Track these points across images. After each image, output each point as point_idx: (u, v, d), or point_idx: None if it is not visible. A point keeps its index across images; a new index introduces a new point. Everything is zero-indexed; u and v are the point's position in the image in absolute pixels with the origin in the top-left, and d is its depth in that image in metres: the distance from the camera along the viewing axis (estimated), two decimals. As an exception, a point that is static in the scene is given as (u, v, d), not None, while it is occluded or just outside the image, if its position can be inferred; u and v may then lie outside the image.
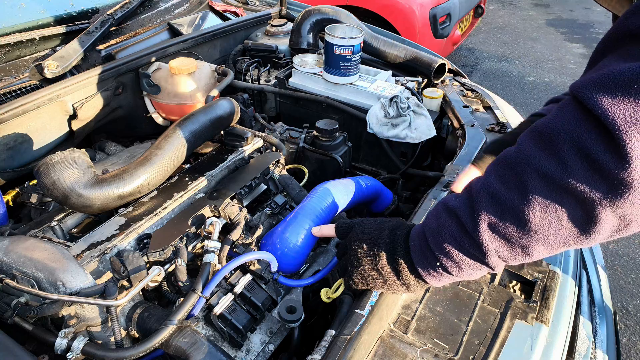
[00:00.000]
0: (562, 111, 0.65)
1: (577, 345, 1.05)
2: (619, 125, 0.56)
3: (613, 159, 0.58)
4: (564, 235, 0.67)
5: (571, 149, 0.62)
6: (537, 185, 0.66)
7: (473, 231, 0.73)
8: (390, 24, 4.09)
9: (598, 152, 0.59)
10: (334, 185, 1.13)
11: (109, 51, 1.60)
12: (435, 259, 0.80)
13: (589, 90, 0.60)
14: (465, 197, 0.77)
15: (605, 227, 0.64)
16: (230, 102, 1.33)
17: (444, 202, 0.82)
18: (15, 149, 1.29)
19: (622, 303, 2.59)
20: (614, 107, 0.57)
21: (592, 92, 0.60)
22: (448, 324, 0.88)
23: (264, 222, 1.20)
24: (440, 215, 0.80)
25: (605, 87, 0.58)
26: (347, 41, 1.57)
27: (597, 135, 0.59)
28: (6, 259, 0.88)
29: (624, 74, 0.57)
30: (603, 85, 0.59)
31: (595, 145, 0.59)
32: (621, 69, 0.58)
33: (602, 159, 0.59)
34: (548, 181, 0.65)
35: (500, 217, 0.71)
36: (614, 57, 0.62)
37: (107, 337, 0.85)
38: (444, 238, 0.78)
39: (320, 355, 0.80)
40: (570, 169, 0.62)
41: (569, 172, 0.62)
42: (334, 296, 0.97)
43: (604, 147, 0.58)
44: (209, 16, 2.02)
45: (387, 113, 1.49)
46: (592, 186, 0.60)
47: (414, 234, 0.85)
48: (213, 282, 0.92)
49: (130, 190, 1.03)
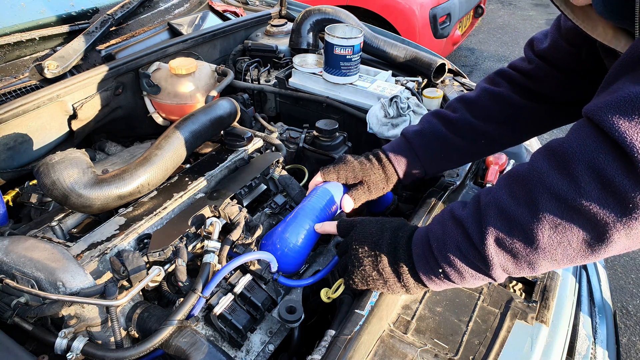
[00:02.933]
0: (577, 132, 0.65)
1: (577, 345, 1.05)
2: (637, 148, 0.56)
3: (630, 181, 0.58)
4: (571, 254, 0.67)
5: (586, 170, 0.61)
6: (548, 204, 0.66)
7: (479, 244, 0.73)
8: (390, 24, 4.09)
9: (615, 175, 0.59)
10: (334, 186, 1.13)
11: (109, 51, 1.60)
12: (438, 267, 0.80)
13: (605, 113, 0.60)
14: (473, 208, 0.77)
15: (615, 248, 0.64)
16: (230, 102, 1.33)
17: (451, 209, 0.82)
18: (15, 149, 1.29)
19: (622, 303, 2.59)
20: (632, 129, 0.57)
21: (609, 114, 0.59)
22: (448, 324, 0.88)
23: (264, 222, 1.20)
24: (446, 223, 0.80)
25: (622, 109, 0.58)
26: (347, 41, 1.57)
27: (614, 157, 0.59)
28: (6, 259, 0.88)
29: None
30: (619, 107, 0.59)
31: (611, 167, 0.59)
32: (637, 92, 0.58)
33: (619, 182, 0.58)
34: (560, 201, 0.64)
35: (508, 232, 0.70)
36: (628, 80, 0.62)
37: (107, 337, 0.85)
38: (449, 247, 0.77)
39: (320, 355, 0.80)
40: (583, 190, 0.62)
41: (582, 193, 0.62)
42: (334, 296, 0.97)
43: (621, 170, 0.58)
44: (209, 16, 2.02)
45: (387, 113, 1.49)
46: (606, 208, 0.60)
47: (417, 238, 0.85)
48: (213, 282, 0.92)
49: (130, 190, 1.03)
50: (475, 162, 1.40)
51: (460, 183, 1.30)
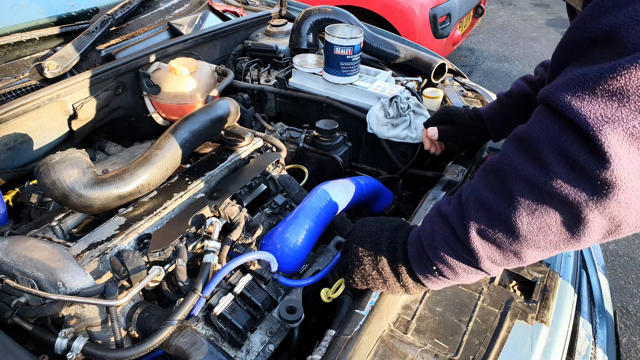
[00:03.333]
0: (537, 117, 0.66)
1: (577, 345, 1.05)
2: (592, 125, 0.57)
3: (593, 159, 0.58)
4: (553, 240, 0.68)
5: (551, 153, 0.62)
6: (522, 191, 0.66)
7: (464, 238, 0.74)
8: (390, 24, 4.09)
9: (578, 154, 0.59)
10: (334, 186, 1.13)
11: (109, 51, 1.60)
12: (431, 264, 0.80)
13: (558, 95, 0.61)
14: (456, 203, 0.78)
15: (594, 229, 0.64)
16: (230, 102, 1.33)
17: (438, 207, 0.83)
18: (15, 149, 1.29)
19: (622, 303, 2.59)
20: (585, 108, 0.58)
21: (561, 96, 0.61)
22: (448, 324, 0.88)
23: (264, 222, 1.20)
24: (434, 220, 0.81)
25: (573, 90, 0.60)
26: (347, 41, 1.57)
27: (574, 137, 0.60)
28: (6, 259, 0.88)
29: (588, 75, 0.58)
30: (570, 88, 0.60)
31: (573, 147, 0.60)
32: (585, 72, 0.59)
33: (583, 160, 0.59)
34: (532, 186, 0.65)
35: (489, 224, 0.71)
36: (577, 64, 0.63)
37: (107, 337, 0.85)
38: (438, 244, 0.78)
39: (320, 355, 0.80)
40: (552, 173, 0.62)
41: (552, 176, 0.62)
42: (334, 296, 0.97)
43: (583, 149, 0.59)
44: (209, 16, 2.02)
45: (387, 113, 1.49)
46: (577, 188, 0.61)
47: (411, 238, 0.86)
48: (213, 282, 0.92)
49: (130, 190, 1.03)
50: (475, 162, 1.40)
51: (461, 183, 1.30)
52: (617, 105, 0.56)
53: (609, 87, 0.57)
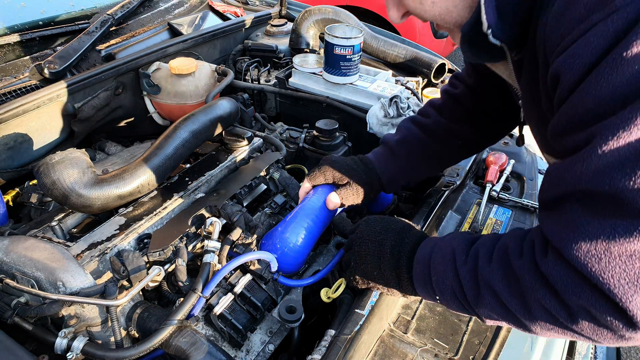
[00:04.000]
0: (552, 261, 0.62)
1: (577, 345, 1.05)
2: (618, 294, 0.54)
3: (621, 321, 0.56)
4: (563, 337, 0.69)
5: (574, 303, 0.60)
6: (542, 314, 0.65)
7: (476, 308, 0.74)
8: (390, 24, 4.08)
9: (603, 314, 0.57)
10: (332, 186, 1.13)
11: (109, 51, 1.60)
12: (435, 295, 0.81)
13: (570, 249, 0.58)
14: (471, 274, 0.74)
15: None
16: (230, 102, 1.33)
17: (454, 255, 0.79)
18: (15, 149, 1.29)
19: (622, 303, 2.58)
20: (606, 273, 0.55)
21: (575, 251, 0.57)
22: (448, 323, 0.88)
23: (264, 222, 1.20)
24: (448, 269, 0.78)
25: (586, 246, 0.56)
26: (347, 41, 1.57)
27: (599, 299, 0.57)
28: (6, 259, 0.88)
29: (600, 234, 0.55)
30: (581, 243, 0.57)
31: (599, 306, 0.57)
32: (596, 230, 0.55)
33: (610, 321, 0.57)
34: (553, 317, 0.64)
35: (503, 315, 0.71)
36: (579, 206, 0.59)
37: (107, 337, 0.85)
38: (447, 291, 0.78)
39: (320, 355, 0.80)
40: (574, 318, 0.61)
41: (575, 320, 0.61)
42: (334, 296, 0.97)
43: (610, 310, 0.57)
44: (209, 16, 2.02)
45: (387, 113, 1.49)
46: (599, 336, 0.60)
47: (420, 257, 0.84)
48: (213, 282, 0.91)
49: (130, 190, 1.03)
50: (475, 162, 1.40)
51: (461, 183, 1.31)
52: (639, 265, 0.53)
53: (627, 250, 0.53)
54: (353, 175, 1.07)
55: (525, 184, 1.32)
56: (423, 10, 0.76)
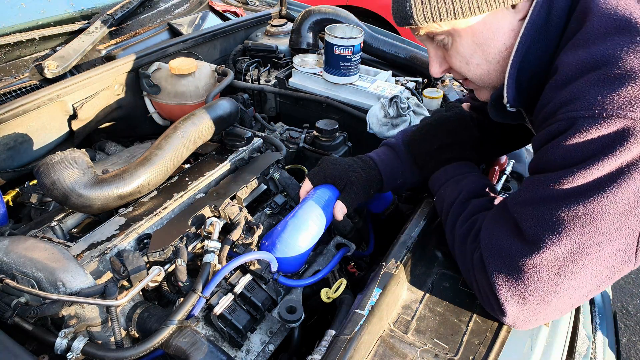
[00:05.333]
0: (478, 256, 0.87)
1: (577, 345, 1.05)
2: (499, 293, 0.81)
3: (499, 309, 0.84)
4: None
5: (481, 284, 0.87)
6: (468, 271, 0.91)
7: (444, 226, 1.02)
8: (390, 24, 4.08)
9: (489, 298, 0.84)
10: (333, 186, 1.13)
11: (109, 51, 1.60)
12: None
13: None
14: (454, 216, 0.98)
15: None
16: (230, 102, 1.33)
17: (458, 195, 1.00)
18: (15, 149, 1.29)
19: (622, 303, 2.59)
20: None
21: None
22: (448, 324, 0.88)
23: (264, 222, 1.20)
24: (447, 201, 1.02)
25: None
26: (347, 41, 1.57)
27: (489, 293, 0.84)
28: (6, 259, 0.88)
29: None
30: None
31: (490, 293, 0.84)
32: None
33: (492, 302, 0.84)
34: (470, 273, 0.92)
35: (450, 246, 0.98)
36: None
37: (107, 337, 0.85)
38: (439, 205, 1.04)
39: (320, 355, 0.80)
40: (479, 291, 0.89)
41: (478, 292, 0.90)
42: (334, 296, 0.97)
43: (493, 296, 0.83)
44: (209, 16, 2.02)
45: (387, 113, 1.49)
46: (484, 304, 0.89)
47: (435, 177, 1.11)
48: (213, 282, 0.91)
49: (131, 190, 1.03)
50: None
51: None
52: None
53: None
54: (353, 174, 1.09)
55: (525, 184, 1.31)
56: (467, 70, 0.90)
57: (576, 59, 0.72)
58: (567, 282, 0.74)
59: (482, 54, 0.86)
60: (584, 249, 0.71)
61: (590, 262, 0.72)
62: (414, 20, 0.84)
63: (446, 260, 1.02)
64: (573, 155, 0.70)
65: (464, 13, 0.80)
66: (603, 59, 0.69)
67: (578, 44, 0.74)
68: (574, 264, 0.73)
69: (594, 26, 0.72)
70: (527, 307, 0.79)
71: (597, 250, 0.71)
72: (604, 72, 0.68)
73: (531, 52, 0.81)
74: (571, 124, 0.70)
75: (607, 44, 0.70)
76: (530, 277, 0.76)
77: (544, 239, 0.73)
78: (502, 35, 0.83)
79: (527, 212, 0.77)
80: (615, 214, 0.69)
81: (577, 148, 0.69)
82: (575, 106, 0.70)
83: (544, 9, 0.79)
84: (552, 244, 0.73)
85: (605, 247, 0.71)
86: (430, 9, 0.81)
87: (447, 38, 0.88)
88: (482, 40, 0.84)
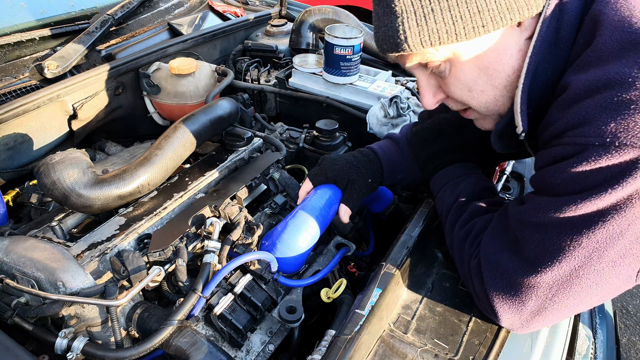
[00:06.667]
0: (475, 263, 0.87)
1: (577, 345, 1.05)
2: (493, 300, 0.82)
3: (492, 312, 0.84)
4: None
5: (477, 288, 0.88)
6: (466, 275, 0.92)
7: (444, 228, 1.03)
8: (390, 24, 4.08)
9: (485, 302, 0.85)
10: (334, 185, 1.13)
11: (109, 51, 1.60)
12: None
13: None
14: (453, 219, 0.98)
15: None
16: (230, 102, 1.33)
17: (456, 199, 0.99)
18: (15, 149, 1.29)
19: (622, 303, 2.59)
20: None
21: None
22: (448, 324, 0.88)
23: (264, 222, 1.20)
24: (446, 204, 1.01)
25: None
26: (347, 41, 1.57)
27: (485, 299, 0.85)
28: (6, 259, 0.88)
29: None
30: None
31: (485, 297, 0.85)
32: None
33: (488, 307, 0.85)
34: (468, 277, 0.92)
35: (450, 248, 0.98)
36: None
37: (107, 337, 0.85)
38: (439, 208, 1.03)
39: (320, 355, 0.80)
40: (477, 296, 0.89)
41: (476, 296, 0.90)
42: (334, 296, 0.97)
43: (488, 302, 0.83)
44: (209, 16, 2.02)
45: (387, 113, 1.49)
46: (480, 305, 0.89)
47: (436, 179, 1.11)
48: (213, 282, 0.91)
49: (131, 190, 1.03)
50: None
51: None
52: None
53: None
54: (353, 172, 1.08)
55: (526, 184, 1.32)
56: (470, 98, 0.82)
57: (586, 77, 0.67)
58: (565, 301, 0.73)
59: (488, 79, 0.78)
60: (584, 275, 0.70)
61: (589, 285, 0.71)
62: (408, 45, 0.73)
63: (446, 260, 1.02)
64: (578, 182, 0.66)
65: (467, 34, 0.71)
66: (616, 78, 0.63)
67: (589, 62, 0.68)
68: (573, 287, 0.71)
69: (606, 41, 0.67)
70: (523, 317, 0.79)
71: (598, 277, 0.70)
72: (616, 94, 0.62)
73: (539, 72, 0.74)
74: (579, 151, 0.65)
75: (621, 62, 0.64)
76: (528, 295, 0.75)
77: (545, 262, 0.72)
78: (509, 56, 0.76)
79: (529, 234, 0.74)
80: (620, 244, 0.66)
81: (584, 176, 0.65)
82: (585, 131, 0.65)
83: (553, 25, 0.72)
84: (552, 267, 0.71)
85: (606, 274, 0.69)
86: (429, 32, 0.71)
87: (444, 65, 0.79)
88: (487, 63, 0.77)
